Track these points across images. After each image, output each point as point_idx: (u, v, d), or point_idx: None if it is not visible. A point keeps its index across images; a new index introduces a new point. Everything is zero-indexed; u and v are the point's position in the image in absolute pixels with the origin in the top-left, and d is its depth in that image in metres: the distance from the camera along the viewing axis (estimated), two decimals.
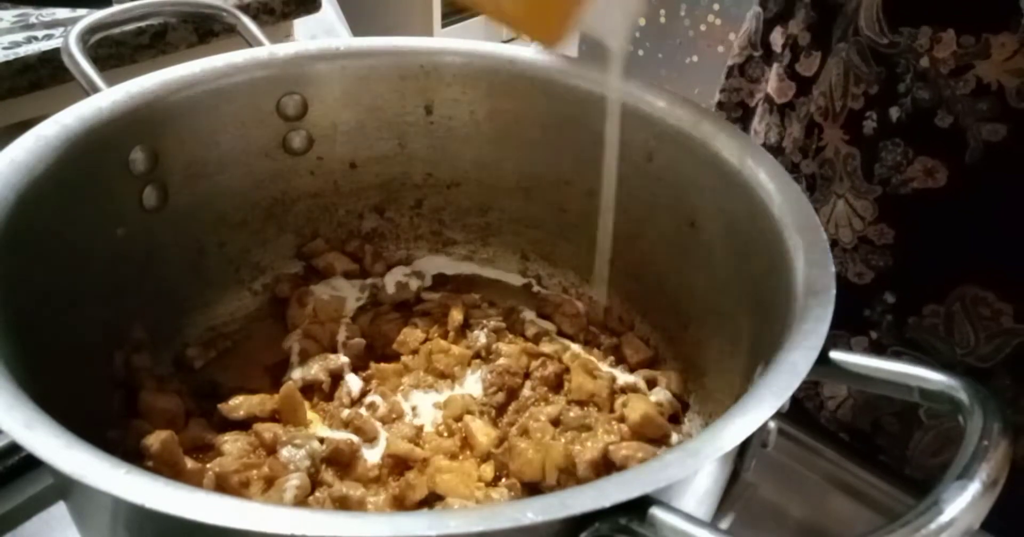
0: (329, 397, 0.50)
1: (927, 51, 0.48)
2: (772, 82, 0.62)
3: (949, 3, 0.47)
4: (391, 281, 0.59)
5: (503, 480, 0.46)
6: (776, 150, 0.61)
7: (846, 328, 0.55)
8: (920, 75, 0.49)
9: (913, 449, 0.55)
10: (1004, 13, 0.45)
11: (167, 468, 0.41)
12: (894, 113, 0.51)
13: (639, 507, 0.26)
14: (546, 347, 0.54)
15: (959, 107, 0.48)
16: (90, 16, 0.54)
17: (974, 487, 0.27)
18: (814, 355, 0.32)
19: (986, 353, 0.51)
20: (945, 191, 0.49)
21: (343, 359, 0.52)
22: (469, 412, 0.49)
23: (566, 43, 0.42)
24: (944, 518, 0.26)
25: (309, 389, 0.50)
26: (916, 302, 0.52)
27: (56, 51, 0.87)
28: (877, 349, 0.55)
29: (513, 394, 0.51)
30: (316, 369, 0.51)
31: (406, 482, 0.44)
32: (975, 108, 0.47)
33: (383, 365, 0.53)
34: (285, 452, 0.44)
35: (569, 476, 0.45)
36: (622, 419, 0.49)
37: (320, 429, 0.48)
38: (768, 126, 0.62)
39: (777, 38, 0.62)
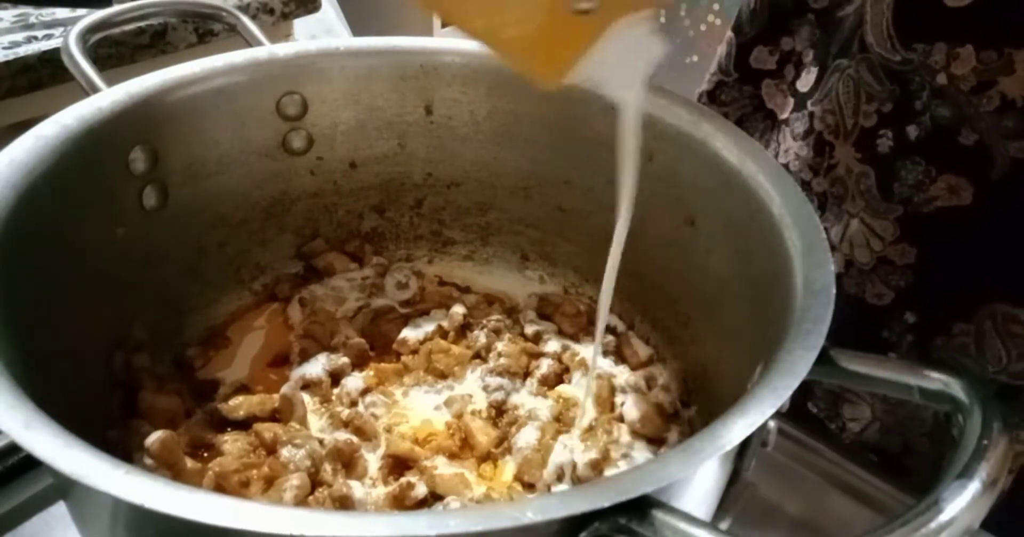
0: (329, 397, 0.50)
1: (944, 67, 0.47)
2: (776, 98, 0.61)
3: (965, 18, 0.46)
4: (391, 281, 0.59)
5: (503, 480, 0.46)
6: None
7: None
8: (938, 92, 0.48)
9: None
10: None
11: (167, 468, 0.41)
12: (912, 131, 0.49)
13: (639, 507, 0.26)
14: (546, 347, 0.54)
15: (983, 124, 0.46)
16: (90, 16, 0.54)
17: (974, 486, 0.27)
18: (814, 355, 0.32)
19: (1019, 370, 0.49)
20: (971, 208, 0.48)
21: (343, 359, 0.52)
22: (469, 412, 0.49)
23: (562, 85, 0.37)
24: (944, 517, 0.26)
25: (309, 389, 0.50)
26: (942, 321, 0.51)
27: (56, 51, 0.87)
28: None
29: None
30: (316, 369, 0.51)
31: (406, 482, 0.44)
32: (1000, 125, 0.46)
33: (383, 365, 0.53)
34: (285, 452, 0.44)
35: (569, 476, 0.45)
36: (622, 419, 0.49)
37: (320, 429, 0.48)
38: (766, 142, 0.62)
39: (763, 56, 0.61)
